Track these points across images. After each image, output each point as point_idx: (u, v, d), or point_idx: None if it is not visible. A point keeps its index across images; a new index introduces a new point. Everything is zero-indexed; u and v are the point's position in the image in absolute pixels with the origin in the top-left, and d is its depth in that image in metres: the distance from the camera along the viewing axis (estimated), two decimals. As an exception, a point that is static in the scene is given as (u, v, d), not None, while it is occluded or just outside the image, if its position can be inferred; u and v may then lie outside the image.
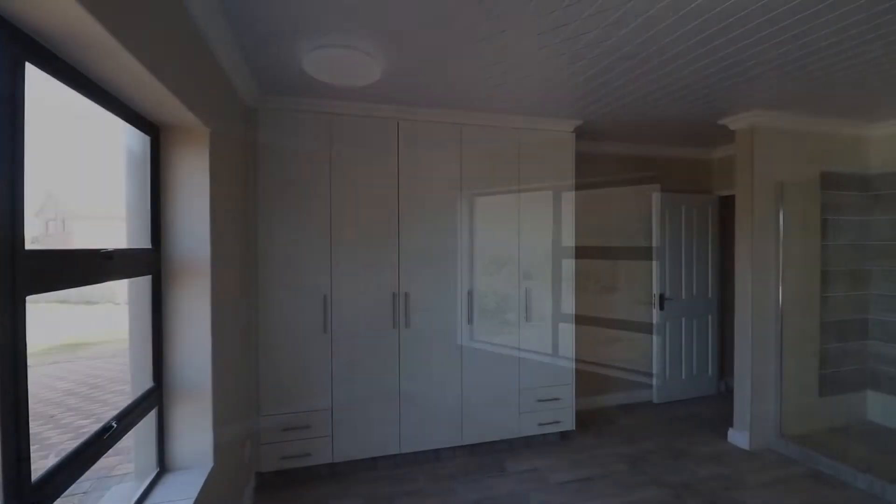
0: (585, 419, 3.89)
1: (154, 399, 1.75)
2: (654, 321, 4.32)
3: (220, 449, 2.02)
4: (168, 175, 1.82)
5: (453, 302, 3.15)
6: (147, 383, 1.75)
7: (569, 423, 3.45)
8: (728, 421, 3.58)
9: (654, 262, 4.31)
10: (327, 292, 2.88)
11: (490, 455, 3.25)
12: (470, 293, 3.18)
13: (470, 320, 3.18)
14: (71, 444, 1.24)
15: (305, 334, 2.86)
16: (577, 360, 3.81)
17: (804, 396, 3.48)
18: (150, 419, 1.76)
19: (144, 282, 1.76)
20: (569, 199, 3.41)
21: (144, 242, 1.75)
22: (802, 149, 3.44)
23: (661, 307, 4.30)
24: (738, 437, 3.40)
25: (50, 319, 1.41)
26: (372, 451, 2.99)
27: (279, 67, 2.34)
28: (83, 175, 1.84)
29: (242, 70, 2.33)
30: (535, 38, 2.05)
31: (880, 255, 3.63)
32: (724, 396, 4.40)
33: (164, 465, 1.85)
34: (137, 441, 1.78)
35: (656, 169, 4.40)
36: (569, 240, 3.42)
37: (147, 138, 1.73)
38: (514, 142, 3.28)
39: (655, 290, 4.30)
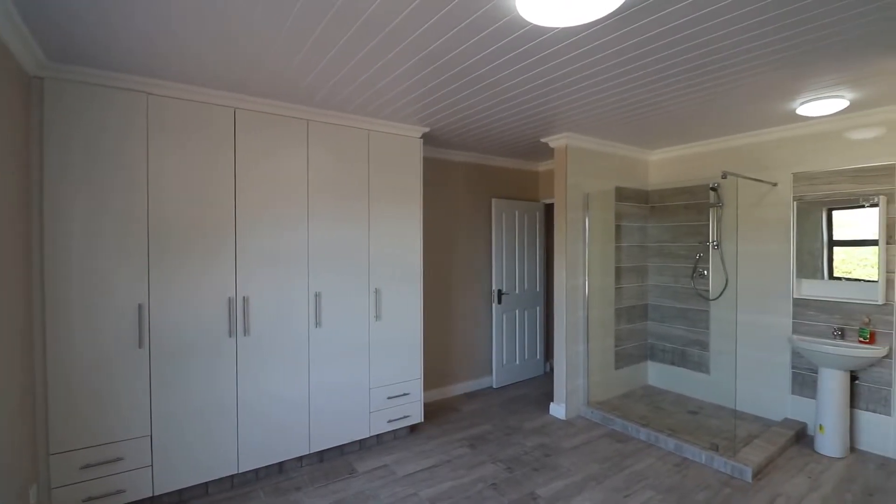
0: (433, 410, 4.12)
1: None
2: (494, 314, 4.79)
3: (-16, 503, 1.61)
4: None
5: (300, 305, 3.02)
6: None
7: (417, 417, 3.60)
8: (550, 396, 4.17)
9: (493, 261, 4.78)
10: (143, 300, 2.50)
11: (340, 459, 3.21)
12: (318, 295, 3.09)
13: (318, 323, 3.09)
14: None
15: (114, 351, 2.43)
16: (425, 355, 4.01)
17: (605, 370, 4.24)
18: None
19: None
20: (416, 201, 3.56)
21: None
22: (603, 166, 4.18)
23: (500, 301, 4.79)
24: (557, 409, 3.98)
25: None
26: (205, 475, 2.69)
27: (68, 27, 1.92)
28: None
29: (18, 28, 1.88)
30: (376, 44, 2.09)
31: (654, 254, 4.64)
32: (549, 376, 5.10)
33: None
34: None
35: (494, 177, 4.88)
36: (416, 240, 3.57)
37: None
38: (363, 142, 3.29)
39: (494, 286, 4.77)
